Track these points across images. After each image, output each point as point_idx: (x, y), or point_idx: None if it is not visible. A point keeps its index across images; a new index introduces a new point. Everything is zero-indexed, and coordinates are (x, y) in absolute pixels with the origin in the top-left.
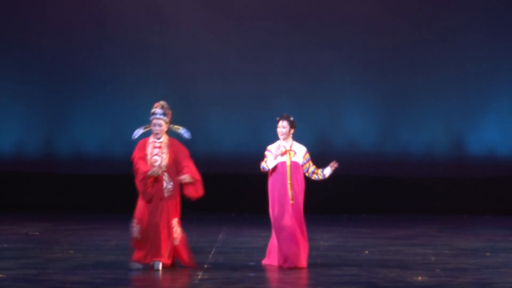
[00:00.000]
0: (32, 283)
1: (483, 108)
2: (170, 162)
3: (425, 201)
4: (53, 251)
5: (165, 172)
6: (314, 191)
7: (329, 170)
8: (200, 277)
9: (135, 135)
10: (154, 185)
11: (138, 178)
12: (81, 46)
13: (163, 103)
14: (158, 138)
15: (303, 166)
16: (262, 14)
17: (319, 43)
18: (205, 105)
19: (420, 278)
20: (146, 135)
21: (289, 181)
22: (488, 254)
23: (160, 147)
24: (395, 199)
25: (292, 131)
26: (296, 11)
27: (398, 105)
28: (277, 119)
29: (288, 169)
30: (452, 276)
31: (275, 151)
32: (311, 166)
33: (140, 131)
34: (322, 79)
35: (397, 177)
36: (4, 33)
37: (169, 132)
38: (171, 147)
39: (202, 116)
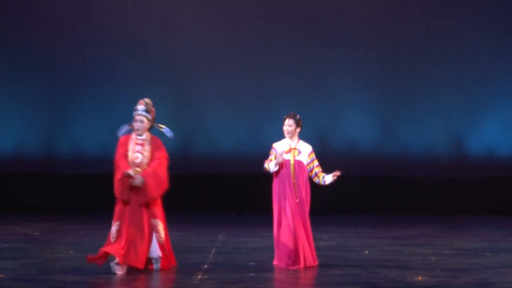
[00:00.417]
0: (32, 283)
1: (483, 108)
2: (151, 160)
3: (425, 201)
4: (53, 251)
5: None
6: (314, 191)
7: (330, 178)
8: (200, 277)
9: (120, 132)
10: (133, 185)
11: (117, 176)
12: (81, 46)
13: (147, 100)
14: (139, 135)
15: (307, 166)
16: (262, 14)
17: (319, 43)
18: (205, 105)
19: (420, 278)
20: (131, 132)
21: (293, 180)
22: (488, 254)
23: (142, 144)
24: (395, 199)
25: (298, 129)
26: (296, 11)
27: (398, 105)
28: (284, 117)
29: (292, 167)
30: (452, 276)
31: (277, 158)
32: (315, 167)
33: (125, 128)
34: (322, 79)
35: (397, 177)
36: (4, 33)
37: (153, 131)
38: (152, 144)
39: (202, 116)
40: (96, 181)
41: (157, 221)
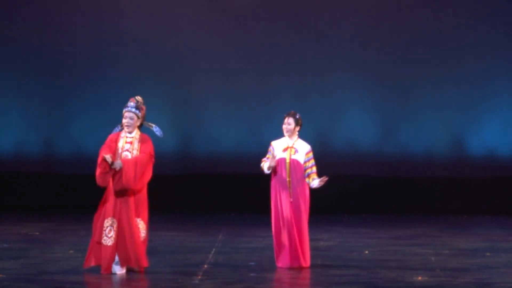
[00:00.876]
0: (32, 283)
1: (483, 108)
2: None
3: (425, 201)
4: (53, 251)
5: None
6: (314, 191)
7: (317, 183)
8: (200, 277)
9: (115, 132)
10: (116, 175)
11: (98, 161)
12: (81, 46)
13: (138, 98)
14: (129, 132)
15: (304, 164)
16: (262, 14)
17: (319, 43)
18: (205, 105)
19: (420, 278)
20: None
21: (288, 179)
22: (488, 254)
23: (131, 143)
24: (395, 199)
25: (297, 128)
26: (296, 11)
27: (398, 105)
28: (284, 115)
29: (288, 166)
30: (452, 276)
31: (270, 161)
32: (309, 167)
33: (118, 129)
34: (322, 79)
35: (397, 177)
36: (4, 33)
37: (143, 129)
38: (141, 142)
39: (202, 116)
40: (96, 181)
41: (138, 220)
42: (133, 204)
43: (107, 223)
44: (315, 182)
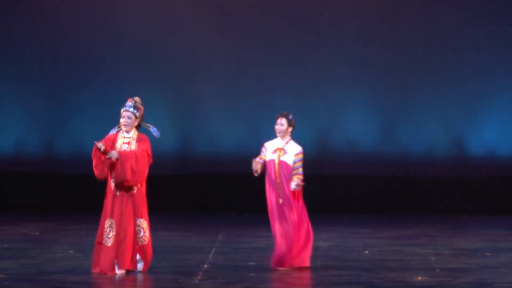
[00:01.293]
0: (32, 283)
1: (483, 108)
2: None
3: (425, 201)
4: (53, 251)
5: None
6: (314, 190)
7: (293, 185)
8: (200, 277)
9: (112, 133)
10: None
11: (92, 152)
12: (81, 46)
13: (136, 98)
14: (127, 132)
15: (293, 165)
16: (262, 14)
17: (319, 43)
18: (205, 105)
19: (420, 278)
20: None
21: (277, 180)
22: (488, 254)
23: (129, 143)
24: (395, 199)
25: (290, 129)
26: (296, 11)
27: (398, 105)
28: (277, 116)
29: (277, 167)
30: (452, 276)
31: (253, 165)
32: (296, 168)
33: (115, 130)
34: (322, 79)
35: (397, 177)
36: (4, 33)
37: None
38: (138, 141)
39: (202, 116)
40: (96, 181)
41: (141, 220)
42: (132, 204)
43: (107, 224)
44: (292, 184)
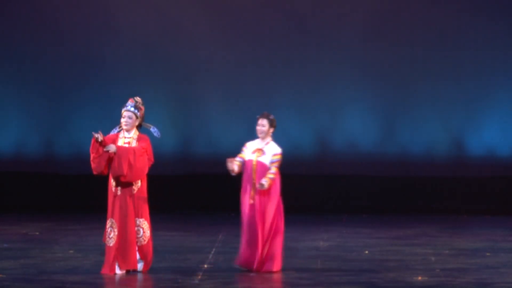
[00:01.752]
0: (32, 283)
1: (483, 108)
2: None
3: (425, 201)
4: (53, 251)
5: None
6: (314, 190)
7: (258, 184)
8: (200, 277)
9: (113, 133)
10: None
11: (91, 145)
12: (81, 47)
13: (137, 98)
14: (128, 131)
15: (270, 164)
16: (262, 15)
17: (319, 43)
18: (205, 105)
19: (420, 278)
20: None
21: (253, 181)
22: (488, 254)
23: (129, 143)
24: (395, 199)
25: (271, 130)
26: (296, 11)
27: (398, 105)
28: (257, 117)
29: (254, 168)
30: (452, 276)
31: (229, 165)
32: (270, 168)
33: (117, 130)
34: (322, 79)
35: (397, 177)
36: (5, 33)
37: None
38: (139, 141)
39: (202, 116)
40: (96, 181)
41: (141, 220)
42: (132, 204)
43: (108, 224)
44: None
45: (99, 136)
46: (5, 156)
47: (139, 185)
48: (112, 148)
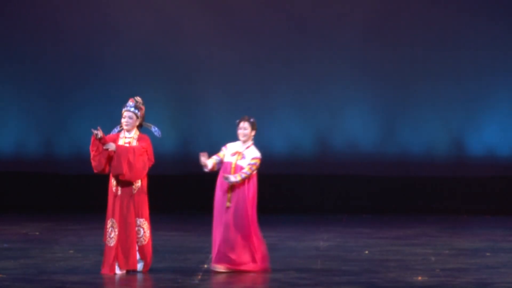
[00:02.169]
0: (32, 283)
1: (483, 108)
2: None
3: (425, 201)
4: (53, 251)
5: None
6: (314, 190)
7: (225, 176)
8: (200, 277)
9: (113, 133)
10: (108, 162)
11: (90, 143)
12: (81, 47)
13: (137, 98)
14: (128, 131)
15: (246, 166)
16: (262, 15)
17: (319, 43)
18: (205, 105)
19: (420, 278)
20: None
21: (230, 184)
22: (488, 254)
23: (130, 143)
24: (395, 199)
25: (253, 133)
26: (295, 11)
27: (398, 105)
28: (237, 121)
29: (232, 171)
30: (452, 276)
31: (202, 160)
32: (245, 167)
33: (117, 130)
34: (322, 79)
35: (397, 177)
36: (5, 33)
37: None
38: (139, 141)
39: (202, 116)
40: (96, 181)
41: (141, 220)
42: (132, 204)
43: (109, 224)
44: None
45: (99, 133)
46: (5, 156)
47: (139, 185)
48: (111, 146)
